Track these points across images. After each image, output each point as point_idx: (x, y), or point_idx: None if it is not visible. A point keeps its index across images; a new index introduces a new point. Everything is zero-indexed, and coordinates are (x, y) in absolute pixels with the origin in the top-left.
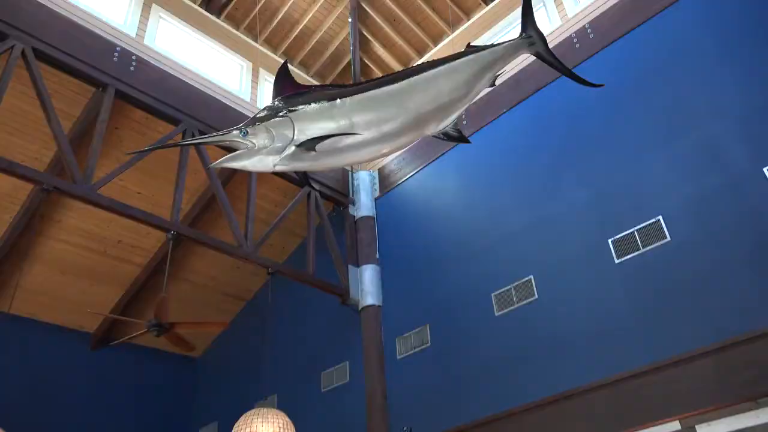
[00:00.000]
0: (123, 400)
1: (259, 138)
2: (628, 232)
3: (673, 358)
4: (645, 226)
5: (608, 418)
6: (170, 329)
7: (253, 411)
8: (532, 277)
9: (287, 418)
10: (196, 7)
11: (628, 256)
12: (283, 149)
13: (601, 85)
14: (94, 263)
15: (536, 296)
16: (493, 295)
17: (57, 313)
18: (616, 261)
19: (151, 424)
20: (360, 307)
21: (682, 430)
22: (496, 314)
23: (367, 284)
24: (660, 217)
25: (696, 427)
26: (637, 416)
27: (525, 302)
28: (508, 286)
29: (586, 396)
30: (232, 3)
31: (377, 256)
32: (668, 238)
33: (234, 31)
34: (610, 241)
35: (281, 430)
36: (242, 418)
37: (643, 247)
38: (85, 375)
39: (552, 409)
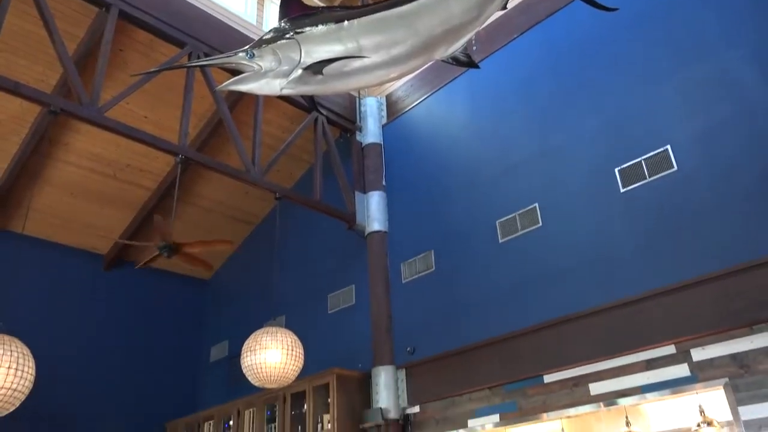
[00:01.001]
0: (137, 320)
1: (265, 60)
2: (635, 161)
3: (671, 286)
4: (652, 156)
5: (605, 341)
6: (179, 250)
7: (262, 329)
8: (537, 205)
9: (295, 336)
10: None
11: (634, 186)
12: (290, 72)
13: (615, 9)
14: (104, 186)
15: (540, 224)
16: (497, 222)
17: (69, 235)
18: (622, 190)
19: (165, 343)
20: (366, 233)
21: (676, 354)
22: (500, 241)
23: (373, 210)
24: (668, 147)
25: (690, 351)
26: (633, 340)
27: (529, 230)
28: (513, 214)
29: (584, 320)
30: None
31: (383, 183)
32: (675, 168)
33: None
34: (616, 170)
35: (289, 347)
36: (252, 336)
37: (649, 177)
38: (99, 295)
39: (550, 332)
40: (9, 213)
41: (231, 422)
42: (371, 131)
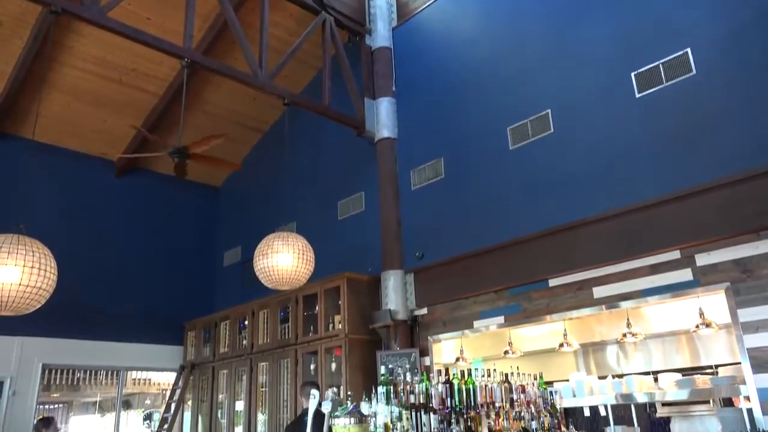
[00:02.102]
0: (151, 226)
1: None
2: (652, 65)
3: (679, 192)
4: (671, 59)
5: (611, 247)
6: (190, 155)
7: (274, 234)
8: (549, 110)
9: (306, 241)
10: None
11: (650, 90)
12: None
13: None
14: (110, 91)
15: (552, 130)
16: (508, 129)
17: (80, 141)
18: (637, 95)
19: (180, 248)
20: (376, 140)
21: (681, 259)
22: (511, 148)
23: (382, 117)
24: (688, 50)
25: (695, 256)
26: (639, 246)
27: (540, 136)
28: (525, 120)
29: (591, 226)
30: None
31: (393, 88)
32: (694, 72)
33: None
34: (632, 74)
35: (300, 251)
36: (264, 241)
37: (666, 81)
38: (113, 202)
39: (557, 238)
40: (19, 118)
41: (246, 322)
42: (381, 34)
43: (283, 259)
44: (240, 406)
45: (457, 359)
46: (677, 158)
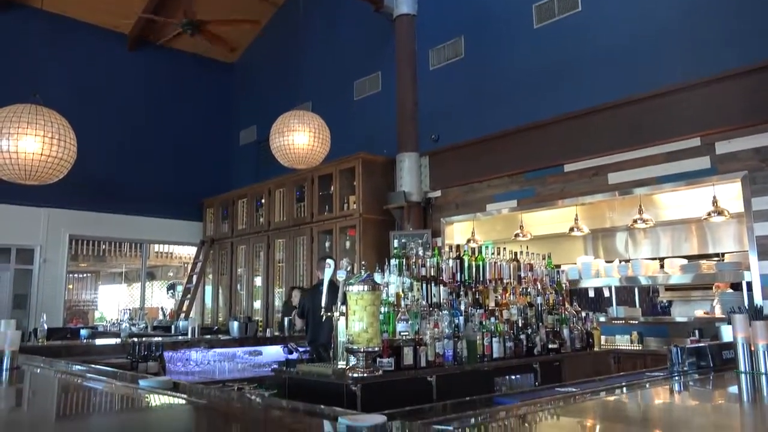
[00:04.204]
0: (166, 102)
1: None
2: None
3: (703, 79)
4: None
5: (629, 133)
6: (203, 27)
7: (289, 113)
8: None
9: (322, 120)
10: None
11: None
12: None
13: None
14: None
15: (580, 8)
16: (534, 6)
17: (90, 13)
18: None
19: (195, 125)
20: (394, 16)
21: (700, 146)
22: (535, 27)
23: None
24: None
25: (715, 144)
26: (657, 132)
27: (567, 14)
28: None
29: (611, 111)
30: None
31: None
32: None
33: None
34: None
35: (316, 130)
36: (280, 119)
37: None
38: (127, 76)
39: (575, 123)
40: None
41: (263, 200)
42: None
43: (299, 138)
44: (258, 281)
45: (468, 241)
46: (698, 45)
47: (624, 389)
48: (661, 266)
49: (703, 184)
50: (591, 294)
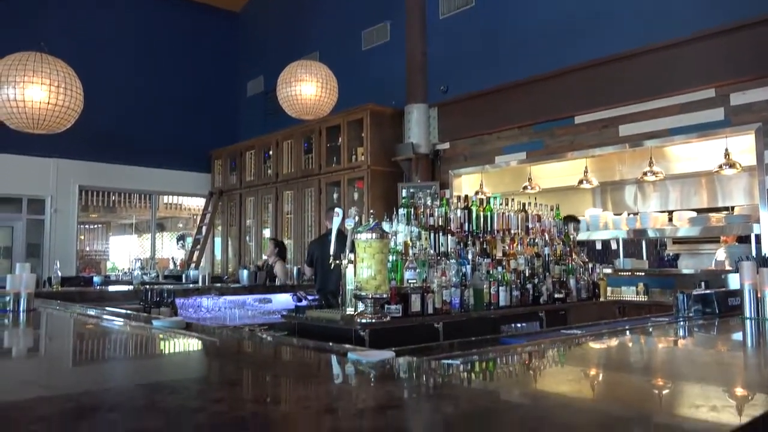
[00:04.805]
0: (172, 54)
1: None
2: None
3: (718, 28)
4: None
5: (641, 84)
6: None
7: (296, 62)
8: None
9: (329, 71)
10: None
11: None
12: None
13: None
14: None
15: None
16: None
17: None
18: None
19: (202, 76)
20: None
21: (714, 98)
22: None
23: None
24: None
25: (730, 95)
26: (670, 84)
27: None
28: None
29: (626, 61)
30: None
31: None
32: None
33: None
34: None
35: (323, 80)
36: (287, 69)
37: None
38: (132, 26)
39: (588, 73)
40: None
41: (270, 152)
42: None
43: (307, 88)
44: (267, 233)
45: (476, 193)
46: None
47: (628, 332)
48: (670, 219)
49: (716, 137)
50: (598, 247)
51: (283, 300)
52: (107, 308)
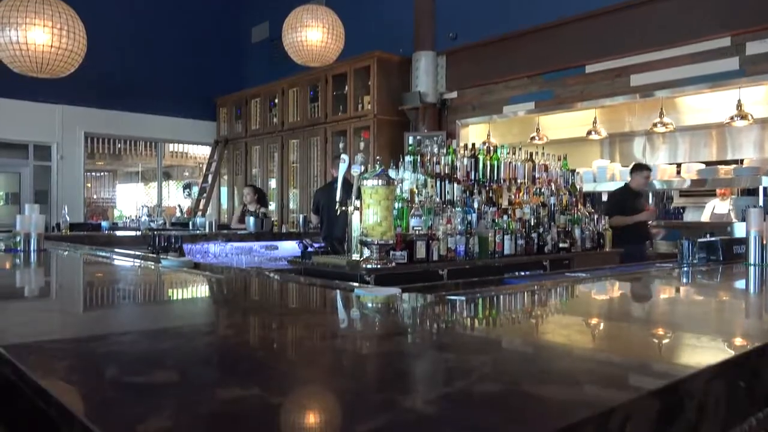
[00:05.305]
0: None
1: None
2: None
3: None
4: None
5: (654, 33)
6: None
7: (302, 7)
8: None
9: (336, 16)
10: None
11: None
12: None
13: None
14: None
15: None
16: None
17: None
18: None
19: (205, 21)
20: None
21: (729, 47)
22: None
23: None
24: None
25: (746, 44)
26: (684, 32)
27: None
28: None
29: (639, 8)
30: None
31: None
32: None
33: None
34: None
35: (330, 26)
36: (292, 14)
37: None
38: None
39: (600, 21)
40: None
41: (276, 100)
42: None
43: (313, 34)
44: (273, 183)
45: (484, 143)
46: None
47: (631, 276)
48: (678, 172)
49: (729, 87)
50: (604, 198)
51: (289, 247)
52: (117, 250)
